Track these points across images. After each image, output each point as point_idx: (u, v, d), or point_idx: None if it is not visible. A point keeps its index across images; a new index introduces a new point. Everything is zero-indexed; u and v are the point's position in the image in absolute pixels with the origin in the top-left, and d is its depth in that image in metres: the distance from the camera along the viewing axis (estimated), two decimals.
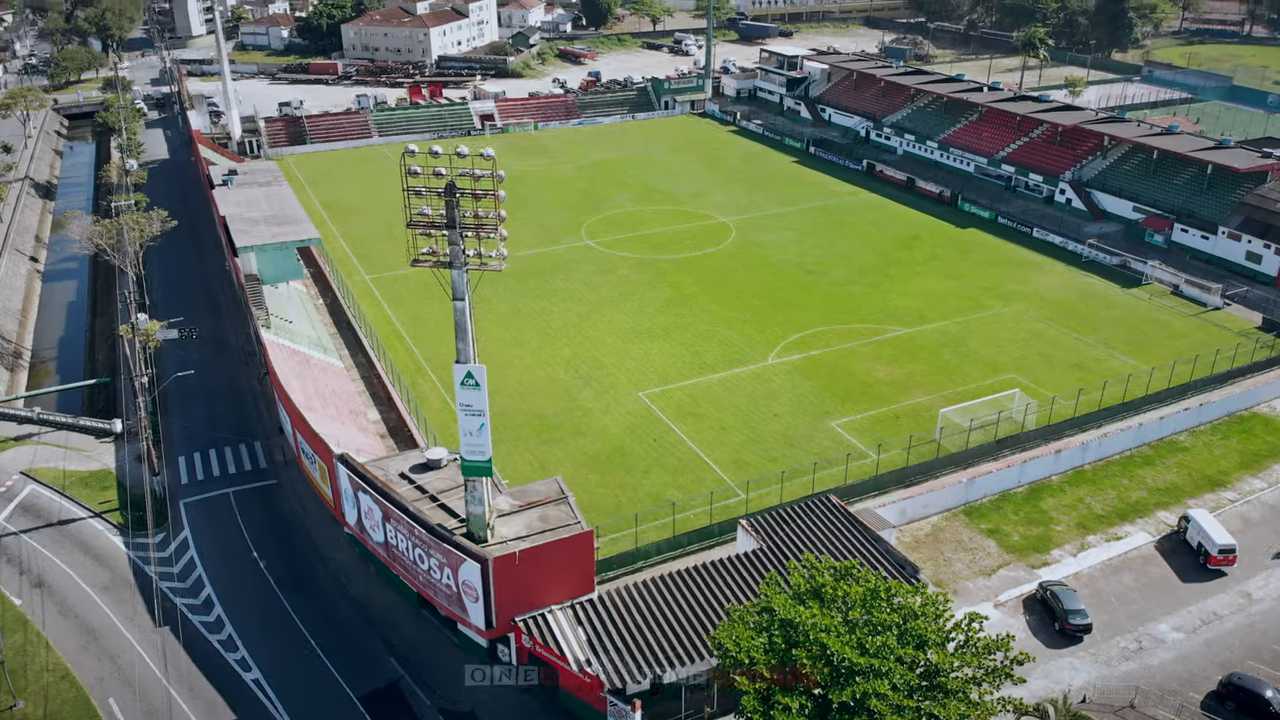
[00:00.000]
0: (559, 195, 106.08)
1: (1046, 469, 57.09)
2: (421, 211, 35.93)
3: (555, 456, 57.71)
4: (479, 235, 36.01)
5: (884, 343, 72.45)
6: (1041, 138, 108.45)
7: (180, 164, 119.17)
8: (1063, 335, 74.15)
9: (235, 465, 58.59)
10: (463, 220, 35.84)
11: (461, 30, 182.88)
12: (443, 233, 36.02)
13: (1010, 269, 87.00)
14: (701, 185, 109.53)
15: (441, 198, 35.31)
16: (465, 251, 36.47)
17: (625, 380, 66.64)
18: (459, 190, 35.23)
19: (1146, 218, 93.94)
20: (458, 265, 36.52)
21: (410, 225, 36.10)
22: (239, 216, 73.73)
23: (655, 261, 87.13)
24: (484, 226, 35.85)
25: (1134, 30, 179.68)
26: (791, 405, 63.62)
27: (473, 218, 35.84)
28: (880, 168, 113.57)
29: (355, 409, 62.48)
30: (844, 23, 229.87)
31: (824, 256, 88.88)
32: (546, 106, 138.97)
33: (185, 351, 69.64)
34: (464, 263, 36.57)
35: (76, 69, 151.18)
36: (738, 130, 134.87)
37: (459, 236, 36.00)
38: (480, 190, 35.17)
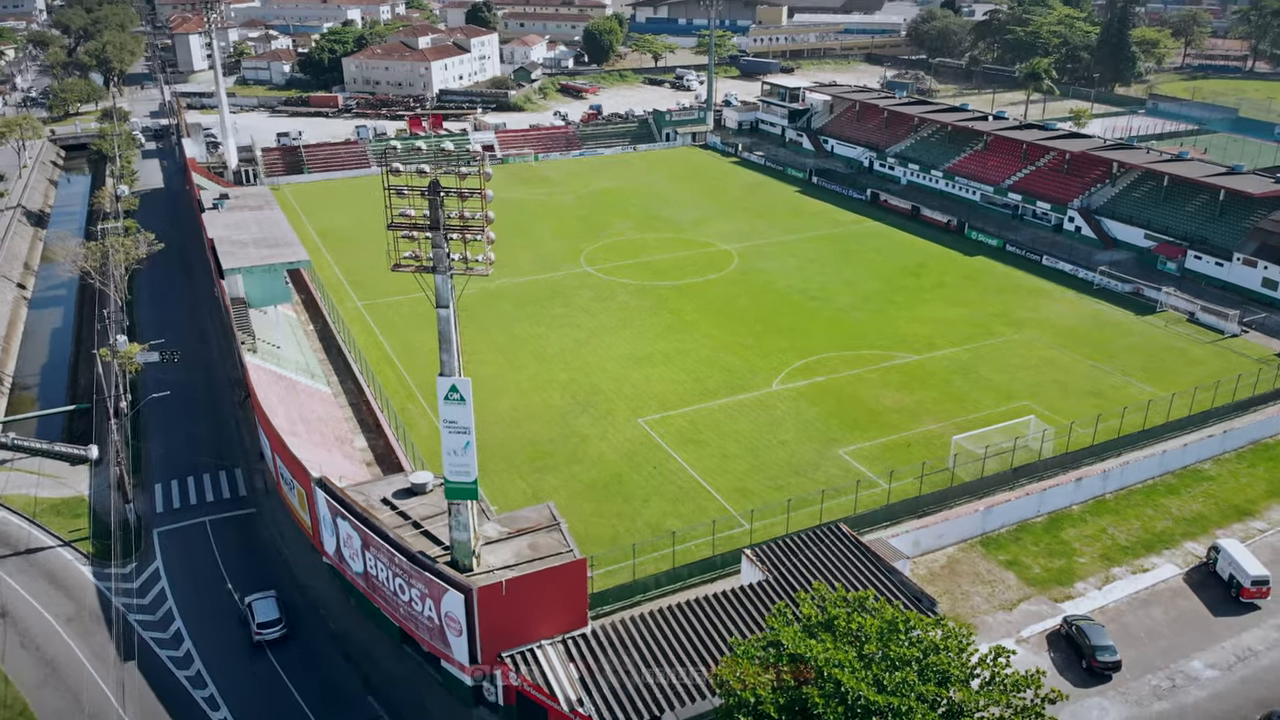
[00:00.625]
0: (558, 223, 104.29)
1: (1066, 498, 54.31)
2: (403, 212, 33.68)
3: (550, 485, 55.02)
4: (465, 237, 33.70)
5: (892, 369, 69.98)
6: (1048, 166, 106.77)
7: (175, 192, 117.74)
8: (1076, 362, 71.68)
9: (214, 493, 55.95)
10: (448, 221, 33.55)
11: (463, 65, 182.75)
12: (426, 235, 33.71)
13: (1020, 296, 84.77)
14: (703, 214, 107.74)
15: (425, 197, 33.06)
16: (450, 255, 34.13)
17: (624, 406, 64.11)
18: (443, 189, 33.00)
19: (1158, 245, 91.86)
20: (441, 270, 34.17)
21: (391, 226, 33.84)
22: (227, 239, 71.74)
23: (656, 288, 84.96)
24: (470, 228, 33.54)
25: (1137, 65, 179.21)
26: (797, 432, 61.03)
27: (458, 218, 33.55)
28: (885, 197, 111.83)
29: (341, 435, 59.92)
30: (845, 59, 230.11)
31: (828, 283, 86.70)
32: (547, 138, 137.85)
33: (167, 374, 67.30)
34: (448, 267, 34.23)
35: (75, 101, 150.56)
36: (739, 161, 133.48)
37: (443, 238, 33.71)
38: (466, 189, 32.95)
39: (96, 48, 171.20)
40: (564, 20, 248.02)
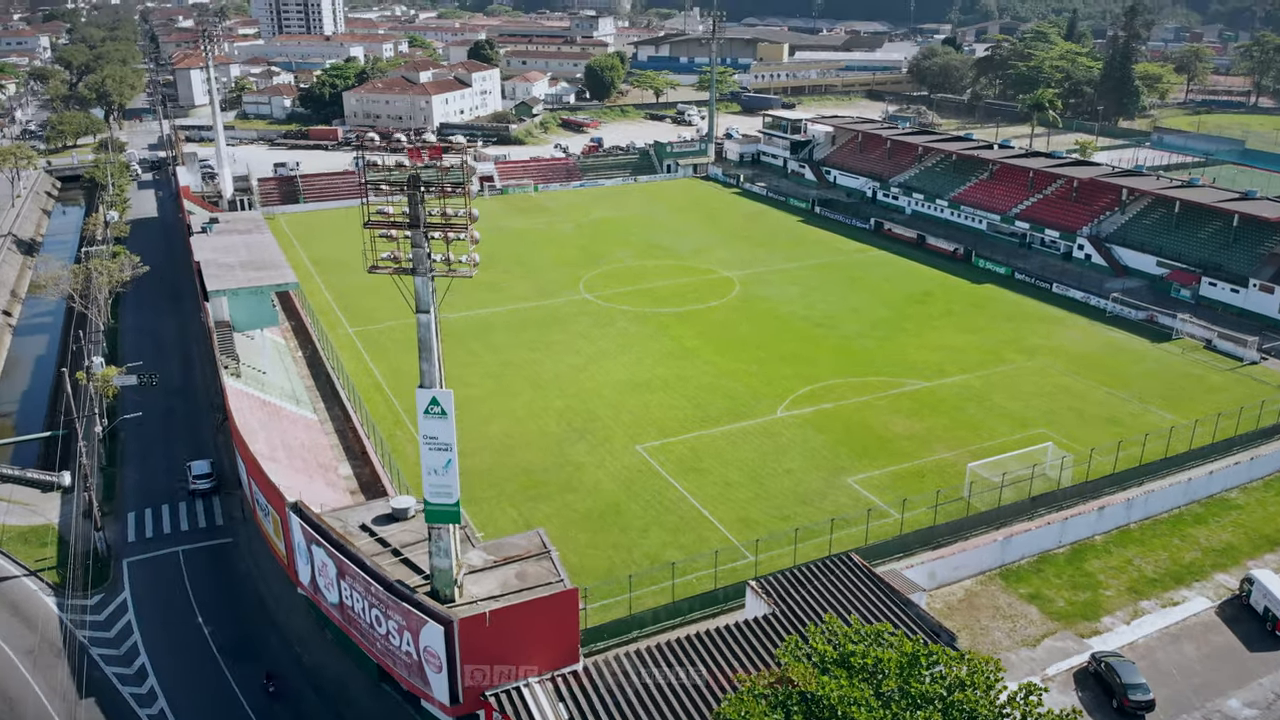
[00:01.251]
0: (557, 251, 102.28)
1: (1089, 528, 51.37)
2: (381, 210, 31.34)
3: (542, 514, 52.13)
4: (447, 237, 31.32)
5: (901, 396, 67.33)
6: (1056, 194, 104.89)
7: (169, 222, 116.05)
8: (1092, 389, 69.04)
9: (189, 521, 53.16)
10: (429, 219, 31.20)
11: (464, 99, 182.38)
12: (405, 234, 31.33)
13: (1030, 323, 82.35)
14: (704, 242, 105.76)
15: (404, 192, 30.74)
16: (431, 255, 31.71)
17: (622, 433, 61.41)
18: (425, 184, 30.70)
19: (1171, 272, 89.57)
20: (422, 271, 31.75)
21: (368, 225, 31.49)
22: (214, 262, 69.67)
23: (656, 314, 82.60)
24: (453, 226, 31.17)
25: (1140, 98, 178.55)
26: (803, 460, 58.26)
27: (440, 216, 31.20)
28: (889, 226, 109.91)
29: (325, 463, 57.21)
30: (846, 95, 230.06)
31: (833, 310, 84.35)
32: (547, 169, 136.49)
33: (147, 399, 64.90)
34: (429, 268, 31.80)
35: (73, 134, 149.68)
36: (741, 192, 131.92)
37: (423, 237, 31.34)
38: (449, 184, 30.66)
39: (96, 81, 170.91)
40: (566, 58, 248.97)
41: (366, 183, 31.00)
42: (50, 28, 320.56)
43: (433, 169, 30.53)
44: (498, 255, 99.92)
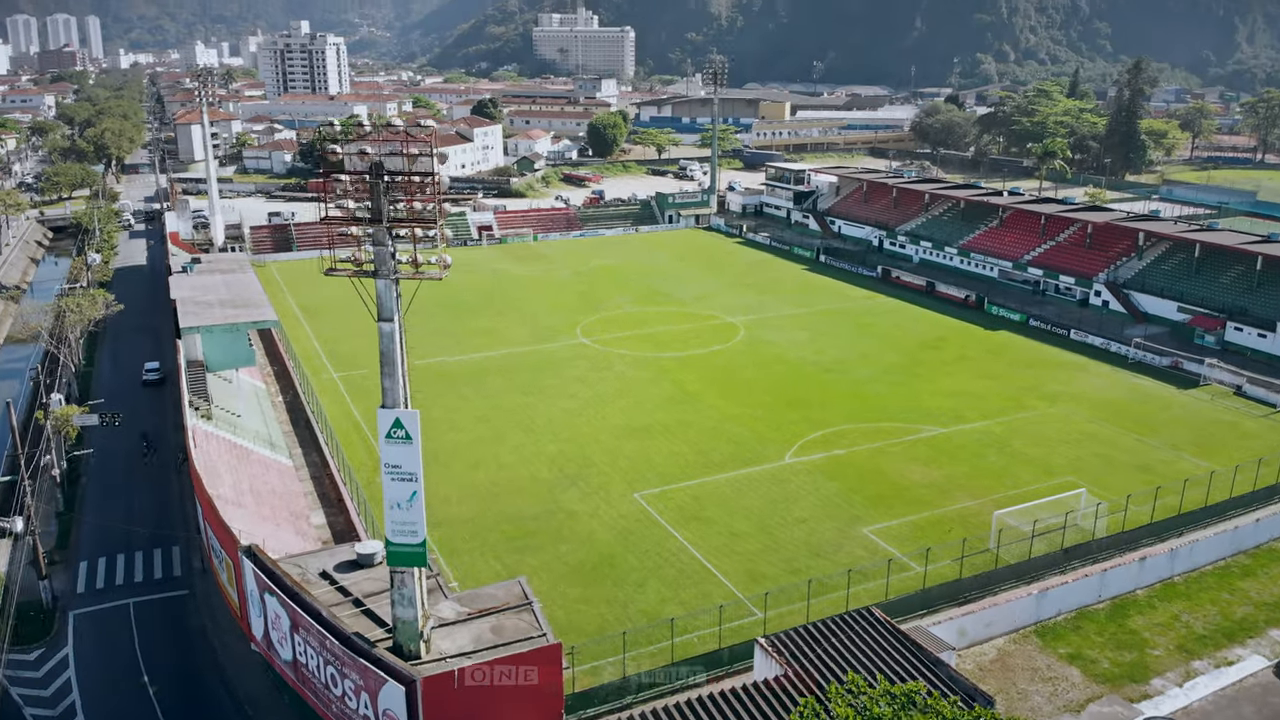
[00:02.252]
0: (555, 297, 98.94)
1: (1130, 581, 46.74)
2: (341, 204, 27.73)
3: (530, 566, 47.58)
4: (414, 233, 27.64)
5: (918, 442, 63.09)
6: (1070, 240, 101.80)
7: (157, 269, 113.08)
8: (1120, 436, 64.82)
9: (144, 571, 48.76)
10: (394, 214, 27.55)
11: (465, 154, 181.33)
12: (367, 230, 27.67)
13: (1049, 370, 78.41)
14: (706, 289, 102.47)
15: (366, 183, 27.16)
16: (395, 255, 28.00)
17: (619, 480, 57.10)
18: (389, 173, 27.11)
19: (1194, 317, 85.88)
20: (384, 273, 28.00)
21: (324, 221, 27.84)
22: (190, 299, 66.19)
23: (656, 359, 78.78)
24: (422, 221, 27.51)
25: (1147, 153, 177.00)
26: (815, 509, 53.85)
27: (406, 209, 27.56)
28: (897, 274, 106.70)
29: (297, 510, 52.90)
30: (849, 153, 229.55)
31: (843, 356, 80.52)
32: (547, 218, 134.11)
33: (112, 441, 61.02)
34: (393, 270, 28.04)
35: (69, 186, 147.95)
36: (744, 241, 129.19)
37: (386, 234, 27.64)
38: (417, 174, 27.09)
39: (95, 134, 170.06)
40: (569, 118, 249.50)
41: (322, 173, 27.36)
42: (58, 88, 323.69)
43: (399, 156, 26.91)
44: (493, 301, 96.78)
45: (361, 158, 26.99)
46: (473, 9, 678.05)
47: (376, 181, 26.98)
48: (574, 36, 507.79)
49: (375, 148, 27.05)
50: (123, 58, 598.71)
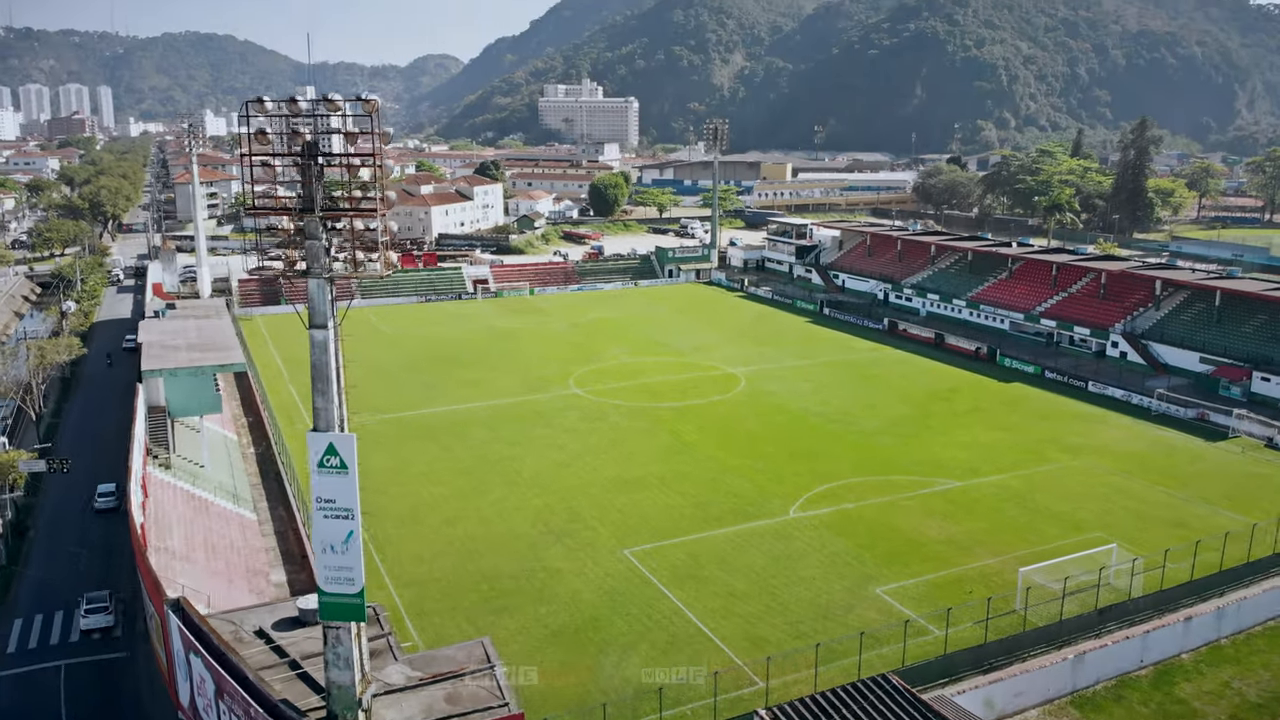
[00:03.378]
0: (548, 348, 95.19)
1: (1174, 644, 41.95)
2: (269, 192, 24.01)
3: (506, 630, 42.90)
4: (351, 226, 23.87)
5: (932, 496, 58.54)
6: (1083, 291, 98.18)
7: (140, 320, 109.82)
8: (1149, 490, 60.28)
9: (80, 630, 44.04)
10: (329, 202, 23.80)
11: (465, 212, 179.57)
12: (298, 220, 23.89)
13: (1068, 422, 74.08)
14: (706, 340, 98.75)
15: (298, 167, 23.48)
16: (330, 250, 24.17)
17: (607, 535, 52.52)
18: (324, 155, 23.44)
19: (1218, 368, 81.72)
20: (317, 271, 24.16)
21: (251, 210, 24.10)
22: (157, 343, 62.47)
23: (652, 409, 74.63)
24: (362, 211, 23.76)
25: (1155, 210, 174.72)
26: (823, 567, 49.19)
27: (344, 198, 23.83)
28: (904, 326, 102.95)
29: (256, 567, 48.37)
30: (851, 213, 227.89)
31: (849, 407, 76.31)
32: (544, 272, 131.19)
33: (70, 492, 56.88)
34: (327, 267, 24.18)
35: (60, 242, 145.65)
36: (746, 295, 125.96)
37: (320, 226, 23.85)
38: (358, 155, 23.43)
39: (91, 192, 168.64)
40: (571, 179, 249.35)
41: (247, 155, 23.71)
42: (64, 153, 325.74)
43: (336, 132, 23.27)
44: (485, 353, 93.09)
45: (296, 138, 23.29)
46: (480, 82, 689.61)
47: (309, 163, 23.26)
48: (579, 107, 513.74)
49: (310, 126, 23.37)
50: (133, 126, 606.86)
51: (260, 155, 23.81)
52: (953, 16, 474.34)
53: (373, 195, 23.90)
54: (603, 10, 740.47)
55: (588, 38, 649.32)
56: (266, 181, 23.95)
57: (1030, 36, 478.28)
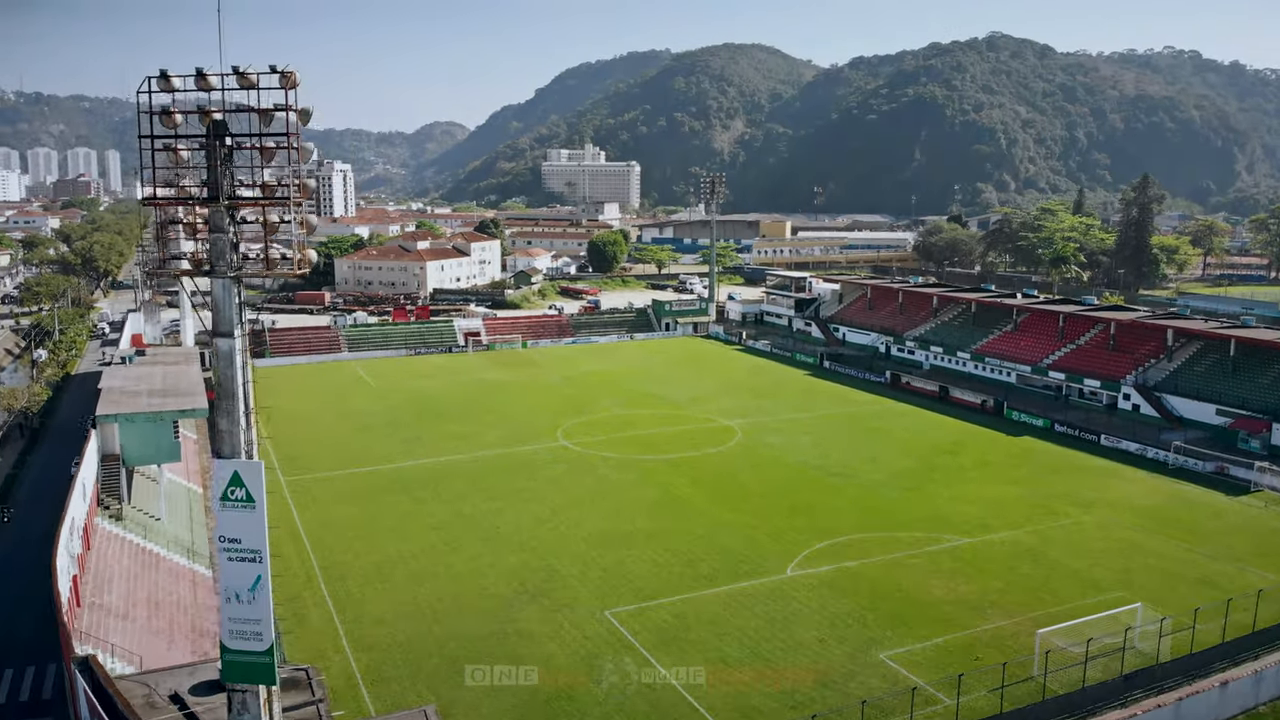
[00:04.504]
0: (538, 400, 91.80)
1: (1209, 712, 37.97)
2: (172, 181, 20.93)
3: (468, 699, 38.84)
4: (264, 218, 20.74)
5: (940, 553, 54.60)
6: (1092, 343, 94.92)
7: None
8: (1170, 546, 56.33)
9: (9, 693, 39.91)
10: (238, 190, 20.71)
11: (461, 268, 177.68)
12: (201, 213, 20.78)
13: (1081, 476, 70.32)
14: (702, 392, 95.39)
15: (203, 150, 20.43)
16: (236, 245, 20.99)
17: (588, 595, 48.53)
18: (232, 136, 20.41)
19: (1236, 420, 78.03)
20: (221, 269, 20.97)
21: (147, 201, 21.01)
22: (118, 389, 59.27)
23: (642, 461, 70.99)
24: (275, 201, 20.65)
25: (1159, 267, 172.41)
26: (822, 630, 45.14)
27: (255, 184, 20.74)
28: (907, 379, 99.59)
29: (202, 627, 44.40)
30: (850, 270, 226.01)
31: (850, 460, 72.62)
32: (538, 325, 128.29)
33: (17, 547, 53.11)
34: (233, 264, 20.97)
35: (49, 297, 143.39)
36: (744, 348, 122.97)
37: (226, 216, 20.70)
38: (271, 135, 20.39)
39: (84, 247, 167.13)
40: (571, 238, 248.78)
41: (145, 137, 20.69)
42: (67, 213, 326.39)
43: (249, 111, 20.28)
44: (471, 405, 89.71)
45: (203, 118, 20.29)
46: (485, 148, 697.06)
47: (215, 146, 20.21)
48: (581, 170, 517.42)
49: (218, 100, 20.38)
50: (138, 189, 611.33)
51: (161, 138, 20.75)
52: (950, 81, 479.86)
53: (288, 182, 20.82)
54: (606, 78, 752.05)
55: (591, 105, 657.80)
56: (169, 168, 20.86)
57: (1028, 101, 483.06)
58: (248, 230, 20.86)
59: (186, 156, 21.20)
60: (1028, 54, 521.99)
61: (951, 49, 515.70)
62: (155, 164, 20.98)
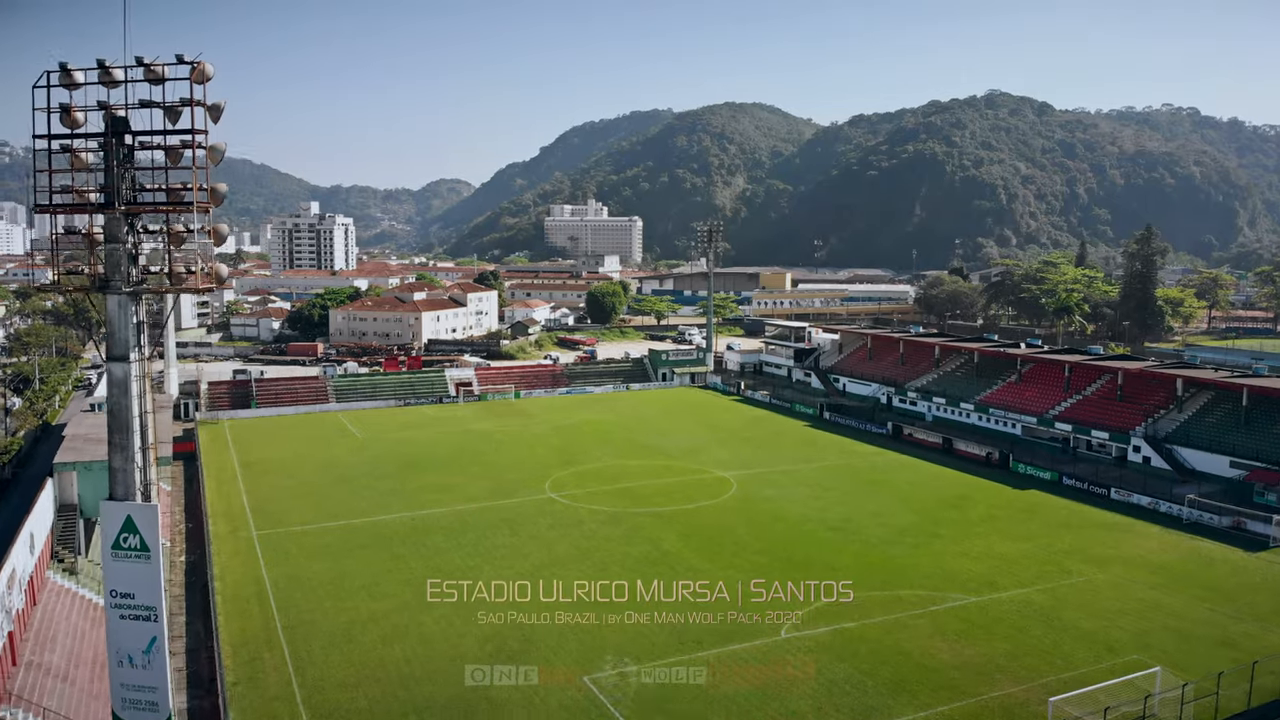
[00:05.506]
0: (526, 451, 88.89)
1: None
2: (65, 184, 18.59)
3: None
4: (167, 226, 18.34)
5: (944, 614, 51.30)
6: (1099, 393, 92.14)
7: None
8: (1189, 606, 53.01)
9: None
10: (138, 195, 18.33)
11: (457, 318, 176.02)
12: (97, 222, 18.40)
13: (1092, 531, 67.08)
14: (698, 443, 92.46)
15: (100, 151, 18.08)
16: (138, 258, 18.54)
17: (566, 659, 45.21)
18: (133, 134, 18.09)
19: (1251, 472, 74.91)
20: (117, 284, 18.60)
21: (39, 208, 18.65)
22: (81, 436, 56.70)
23: (632, 515, 67.88)
24: (179, 206, 18.25)
25: (1166, 319, 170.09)
26: (819, 697, 41.83)
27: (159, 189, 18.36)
28: (909, 430, 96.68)
29: None
30: (851, 323, 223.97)
31: (851, 514, 69.47)
32: (531, 375, 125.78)
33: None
34: (131, 278, 18.51)
35: (39, 347, 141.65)
36: (742, 399, 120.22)
37: (124, 225, 18.30)
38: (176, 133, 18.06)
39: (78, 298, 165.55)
40: (570, 289, 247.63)
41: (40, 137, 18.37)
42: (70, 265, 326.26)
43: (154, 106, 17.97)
44: (457, 457, 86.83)
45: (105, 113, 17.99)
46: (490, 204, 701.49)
47: (113, 145, 17.86)
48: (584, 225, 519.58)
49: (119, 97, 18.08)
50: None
51: (58, 137, 18.44)
52: (950, 138, 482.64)
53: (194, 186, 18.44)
54: (610, 136, 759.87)
55: (594, 161, 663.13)
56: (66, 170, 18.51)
57: (1028, 157, 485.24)
58: (149, 241, 18.51)
59: (91, 160, 18.90)
60: (1026, 111, 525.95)
61: (951, 106, 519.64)
62: (52, 167, 18.72)
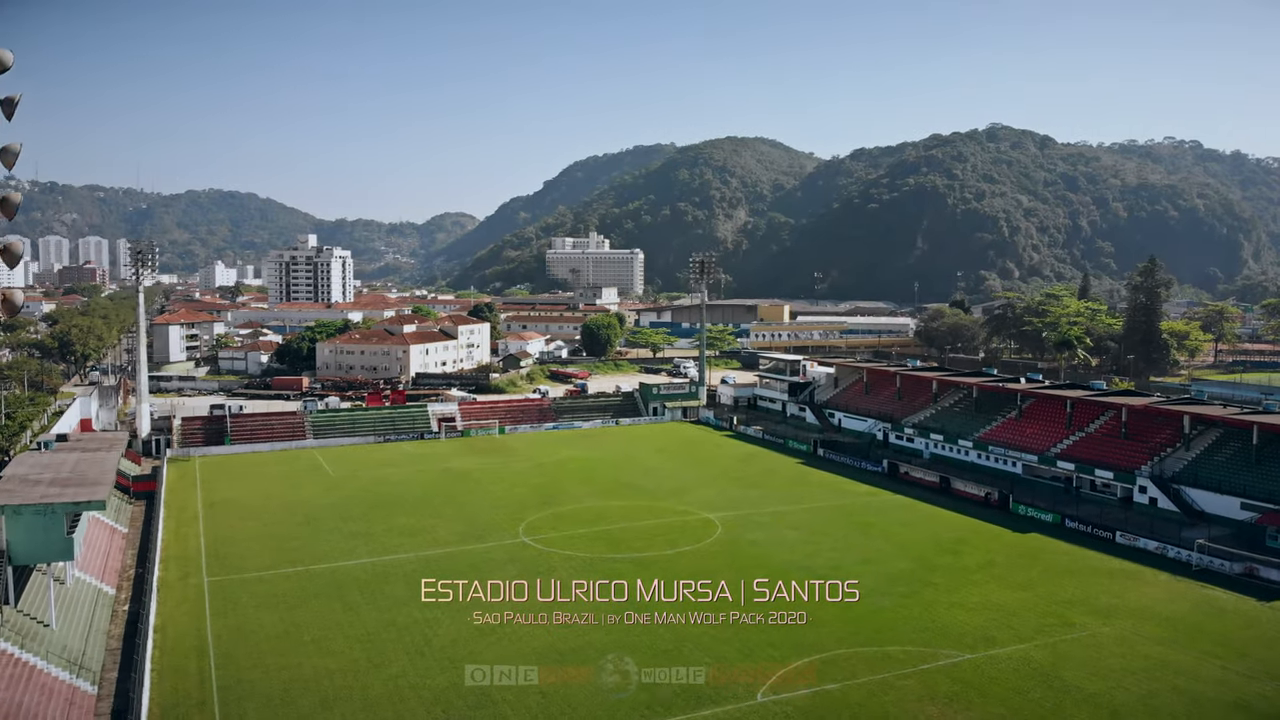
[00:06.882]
0: (503, 491, 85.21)
1: None
2: None
3: None
4: None
5: (936, 673, 47.45)
6: (1103, 430, 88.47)
7: None
8: (1200, 663, 49.11)
9: None
10: None
11: (447, 351, 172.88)
12: None
13: (1096, 579, 63.16)
14: (684, 482, 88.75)
15: None
16: None
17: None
18: None
19: (1263, 515, 71.09)
20: None
21: None
22: (18, 477, 53.27)
23: (607, 561, 64.13)
24: None
25: (1171, 352, 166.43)
26: None
27: None
28: (905, 469, 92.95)
29: None
30: (850, 355, 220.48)
31: (841, 560, 65.66)
32: (517, 409, 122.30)
33: None
34: None
35: (19, 379, 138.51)
36: (734, 435, 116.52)
37: None
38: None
39: (61, 330, 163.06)
40: (567, 322, 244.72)
41: None
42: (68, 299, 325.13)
43: None
44: (430, 497, 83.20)
45: None
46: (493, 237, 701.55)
47: None
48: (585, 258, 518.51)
49: None
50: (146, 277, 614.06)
51: None
52: (951, 171, 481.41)
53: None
54: (613, 170, 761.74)
55: (597, 195, 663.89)
56: None
57: (1030, 190, 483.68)
58: None
59: None
60: (1028, 144, 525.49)
61: (952, 139, 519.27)
62: None
